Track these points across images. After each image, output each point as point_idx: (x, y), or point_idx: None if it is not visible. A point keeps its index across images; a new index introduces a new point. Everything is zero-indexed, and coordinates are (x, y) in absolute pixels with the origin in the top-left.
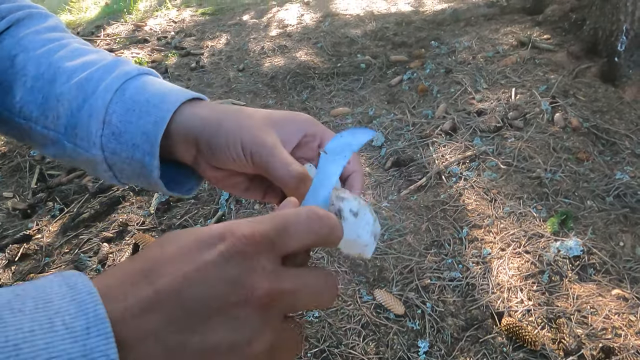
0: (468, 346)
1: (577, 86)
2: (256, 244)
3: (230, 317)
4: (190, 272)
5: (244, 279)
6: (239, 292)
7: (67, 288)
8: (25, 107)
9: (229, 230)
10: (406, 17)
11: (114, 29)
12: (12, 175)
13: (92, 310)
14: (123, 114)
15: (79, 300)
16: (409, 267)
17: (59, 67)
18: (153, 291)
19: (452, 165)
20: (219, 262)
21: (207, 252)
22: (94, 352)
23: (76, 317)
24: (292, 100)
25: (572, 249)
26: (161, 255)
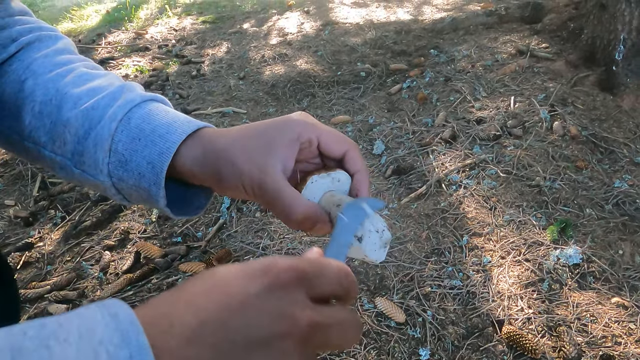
0: (469, 354)
1: (576, 95)
2: (297, 278)
3: (274, 349)
4: (235, 304)
5: (287, 310)
6: (283, 323)
7: (109, 317)
8: (33, 132)
9: (272, 263)
10: (405, 25)
11: (115, 37)
12: (14, 183)
13: (135, 340)
14: (129, 142)
15: (122, 330)
16: (409, 275)
17: (66, 94)
18: (198, 323)
19: (452, 173)
20: (262, 294)
21: (251, 284)
22: None
23: (120, 346)
24: (293, 108)
25: (571, 257)
26: (205, 288)
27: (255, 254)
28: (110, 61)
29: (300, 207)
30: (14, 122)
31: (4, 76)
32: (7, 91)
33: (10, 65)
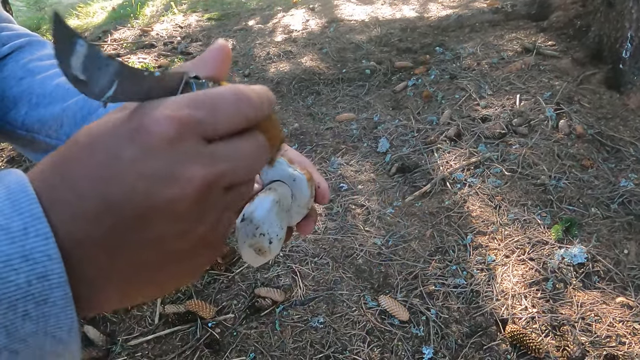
0: (472, 353)
1: (582, 93)
2: (180, 129)
3: (167, 216)
4: (108, 174)
5: (170, 170)
6: (169, 187)
7: (1, 187)
8: (28, 120)
9: (144, 117)
10: (411, 23)
11: (120, 34)
12: None
13: (28, 209)
14: None
15: (14, 199)
16: (413, 274)
17: (67, 89)
18: (76, 197)
19: (457, 171)
20: (141, 159)
21: (123, 147)
22: (34, 253)
23: (11, 217)
24: (297, 105)
25: (576, 257)
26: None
27: None
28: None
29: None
30: (8, 114)
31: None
32: (2, 87)
33: (5, 65)
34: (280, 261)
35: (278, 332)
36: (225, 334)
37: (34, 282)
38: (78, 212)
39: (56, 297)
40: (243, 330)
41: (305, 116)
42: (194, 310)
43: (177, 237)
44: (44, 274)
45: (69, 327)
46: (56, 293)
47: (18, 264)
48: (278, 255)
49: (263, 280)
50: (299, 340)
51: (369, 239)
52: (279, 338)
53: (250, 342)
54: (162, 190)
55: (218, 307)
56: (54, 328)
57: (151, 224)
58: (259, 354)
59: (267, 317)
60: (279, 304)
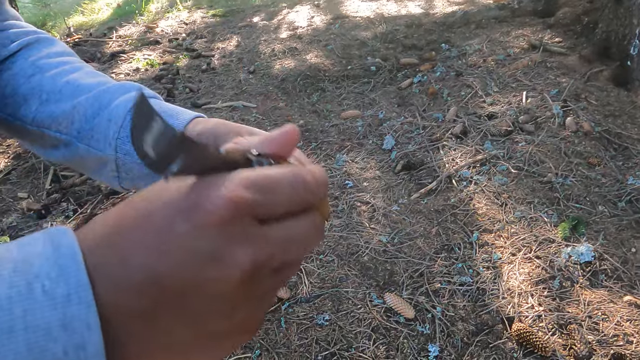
0: (478, 351)
1: (589, 90)
2: (236, 212)
3: (211, 294)
4: (160, 246)
5: (220, 252)
6: (215, 267)
7: (51, 248)
8: (38, 117)
9: (202, 195)
10: (416, 19)
11: (125, 30)
12: (27, 176)
13: (75, 276)
14: None
15: (62, 264)
16: (419, 271)
17: (79, 85)
18: (122, 266)
19: (463, 169)
20: (192, 237)
21: (178, 224)
22: (74, 321)
23: (57, 282)
24: (302, 102)
25: (583, 255)
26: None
27: None
28: (121, 55)
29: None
30: (19, 109)
31: (6, 71)
32: (10, 84)
33: (14, 62)
34: None
35: (283, 329)
36: None
37: (70, 352)
38: (124, 282)
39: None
40: None
41: (310, 113)
42: None
43: (216, 317)
44: (82, 344)
45: None
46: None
47: (57, 333)
48: None
49: None
50: (304, 338)
51: (374, 236)
52: (284, 335)
53: (256, 339)
54: (209, 270)
55: None
56: None
57: (193, 302)
58: (264, 351)
59: (273, 314)
60: (284, 301)
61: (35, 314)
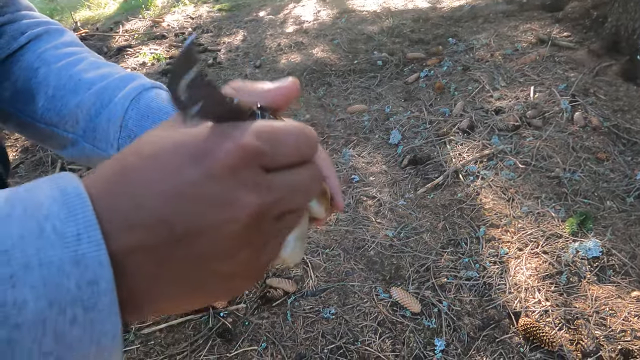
0: (484, 345)
1: (598, 85)
2: (245, 159)
3: (219, 237)
4: (169, 190)
5: (229, 196)
6: (225, 210)
7: (58, 191)
8: (46, 114)
9: (213, 144)
10: (423, 13)
11: (132, 24)
12: (35, 170)
13: (82, 216)
14: (138, 119)
15: (69, 205)
16: (425, 266)
17: (80, 79)
18: (134, 206)
19: (470, 163)
20: (200, 181)
21: (187, 169)
22: (85, 258)
23: (66, 222)
24: (309, 97)
25: (591, 250)
26: (140, 165)
27: None
28: (127, 49)
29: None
30: (27, 106)
31: (16, 64)
32: (20, 78)
33: (22, 55)
34: None
35: (289, 322)
36: (237, 323)
37: (83, 287)
38: (134, 221)
39: (104, 303)
40: (255, 320)
41: (317, 107)
42: None
43: (222, 258)
44: (94, 279)
45: (113, 334)
46: (104, 299)
47: (70, 269)
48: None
49: (275, 271)
50: (310, 331)
51: (380, 230)
52: (291, 328)
53: (262, 332)
54: (217, 213)
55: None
56: (99, 334)
57: (200, 243)
58: (271, 344)
59: (279, 308)
60: (290, 295)
61: (48, 252)
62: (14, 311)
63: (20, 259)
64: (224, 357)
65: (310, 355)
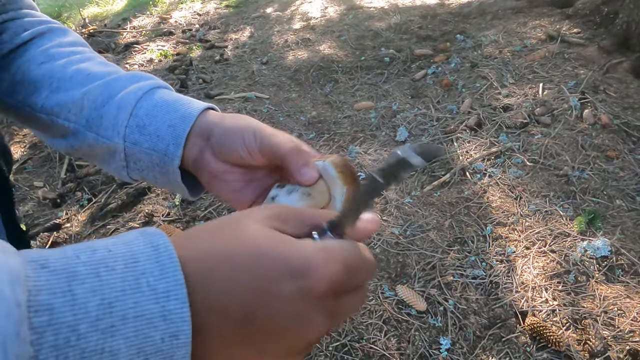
0: (491, 345)
1: (608, 82)
2: (333, 290)
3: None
4: (263, 295)
5: (312, 317)
6: (303, 328)
7: (151, 249)
8: (47, 104)
9: (314, 266)
10: (431, 10)
11: (139, 21)
12: (43, 165)
13: (172, 276)
14: (150, 109)
15: (162, 264)
16: (431, 264)
17: (88, 74)
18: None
19: (477, 161)
20: (292, 298)
21: (285, 281)
22: (172, 314)
23: (159, 279)
24: (315, 93)
25: (599, 249)
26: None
27: None
28: (135, 45)
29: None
30: (29, 96)
31: (19, 58)
32: (23, 71)
33: (26, 50)
34: None
35: None
36: None
37: (166, 339)
38: (222, 307)
39: (179, 355)
40: None
41: (323, 104)
42: None
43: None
44: (176, 333)
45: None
46: (180, 351)
47: (158, 322)
48: None
49: None
50: None
51: (386, 228)
52: None
53: None
54: (294, 325)
55: None
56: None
57: (269, 345)
58: None
59: None
60: None
61: (143, 306)
62: (109, 358)
63: (120, 311)
64: None
65: (315, 353)
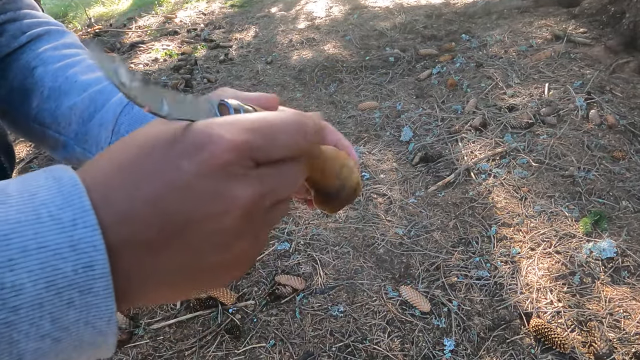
0: (495, 346)
1: (615, 82)
2: (240, 155)
3: (211, 228)
4: (165, 181)
5: (223, 189)
6: (218, 203)
7: (52, 180)
8: (39, 114)
9: (208, 137)
10: (436, 9)
11: (145, 21)
12: (48, 164)
13: (78, 202)
14: (130, 124)
15: (65, 192)
16: (435, 265)
17: (75, 81)
18: (128, 198)
19: (482, 161)
20: (198, 174)
21: (185, 161)
22: (81, 243)
23: (62, 208)
24: (320, 93)
25: (605, 251)
26: (134, 158)
27: (280, 239)
28: (140, 45)
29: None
30: (22, 105)
31: (14, 63)
32: (17, 77)
33: (22, 54)
34: (300, 249)
35: (298, 319)
36: (246, 320)
37: (79, 271)
38: (130, 214)
39: (99, 287)
40: (263, 317)
41: (328, 104)
42: (215, 296)
43: (216, 249)
44: (90, 263)
45: (108, 318)
46: (99, 283)
47: (66, 253)
48: (299, 244)
49: (283, 268)
50: (318, 329)
51: (390, 228)
52: (299, 326)
53: (270, 329)
54: (210, 205)
55: (239, 294)
56: (94, 318)
57: (196, 235)
58: (279, 341)
59: (287, 305)
60: (299, 292)
61: (45, 236)
62: (12, 294)
63: (18, 243)
64: (232, 353)
65: (318, 353)
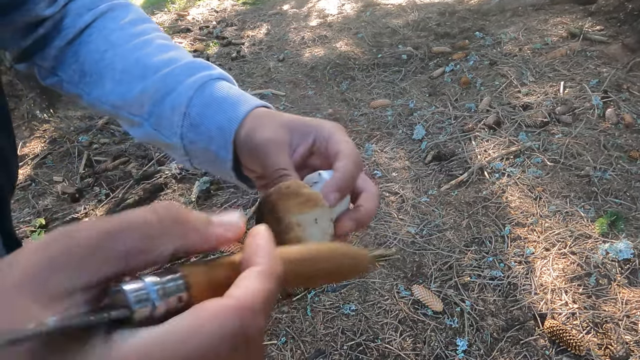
0: (508, 347)
1: (632, 80)
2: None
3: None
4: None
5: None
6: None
7: None
8: (112, 97)
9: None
10: (450, 6)
11: (157, 18)
12: (62, 160)
13: None
14: (201, 108)
15: None
16: (448, 264)
17: (145, 64)
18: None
19: (495, 160)
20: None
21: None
22: None
23: None
24: (332, 90)
25: (622, 252)
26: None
27: None
28: None
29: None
30: (95, 88)
31: (84, 46)
32: (88, 60)
33: (90, 36)
34: None
35: (309, 317)
36: None
37: None
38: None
39: None
40: (275, 314)
41: (340, 102)
42: None
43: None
44: None
45: None
46: None
47: None
48: None
49: None
50: (330, 327)
51: (402, 227)
52: (310, 323)
53: (282, 327)
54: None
55: None
56: None
57: None
58: (290, 339)
59: (299, 302)
60: (310, 290)
61: None
62: None
63: None
64: None
65: (330, 352)
